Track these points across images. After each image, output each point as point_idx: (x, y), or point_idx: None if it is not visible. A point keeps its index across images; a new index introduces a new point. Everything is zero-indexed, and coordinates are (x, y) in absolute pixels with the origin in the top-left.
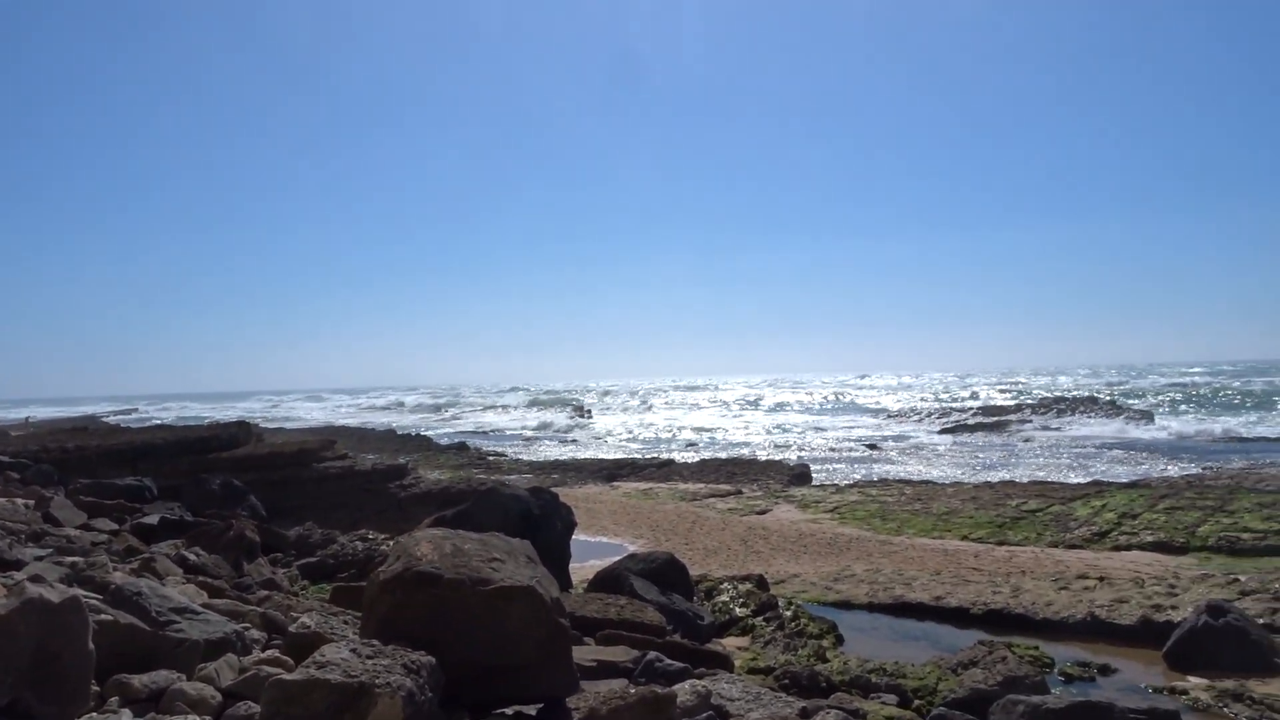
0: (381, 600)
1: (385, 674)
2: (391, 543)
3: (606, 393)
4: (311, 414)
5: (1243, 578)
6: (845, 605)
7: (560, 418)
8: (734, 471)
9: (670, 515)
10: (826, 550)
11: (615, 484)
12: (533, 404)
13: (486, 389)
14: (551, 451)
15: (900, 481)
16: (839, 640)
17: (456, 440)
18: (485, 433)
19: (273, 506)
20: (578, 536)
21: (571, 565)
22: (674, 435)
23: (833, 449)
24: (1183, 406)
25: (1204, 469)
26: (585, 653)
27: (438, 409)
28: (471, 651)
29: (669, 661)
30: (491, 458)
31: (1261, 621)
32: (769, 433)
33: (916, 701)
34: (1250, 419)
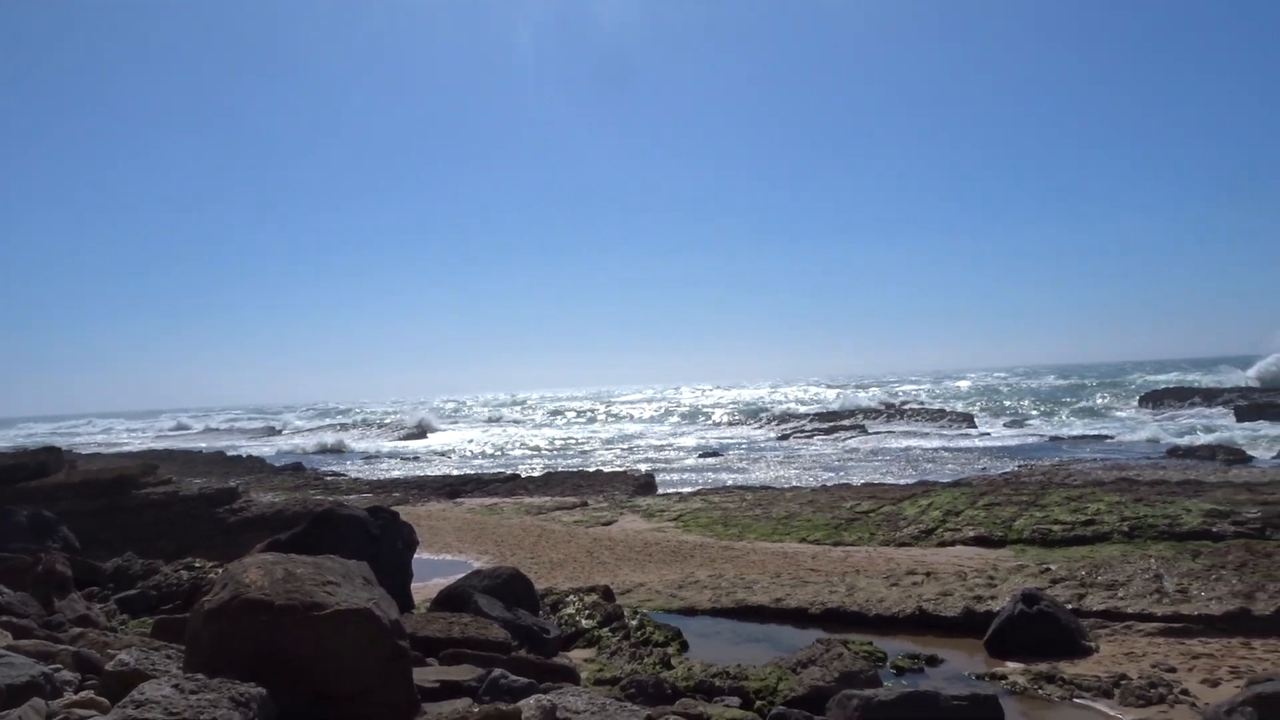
0: (207, 631)
1: (210, 709)
2: (220, 571)
3: (449, 408)
4: (133, 439)
5: (1053, 566)
6: (690, 611)
7: (398, 434)
8: (580, 484)
9: (515, 530)
10: (671, 558)
11: (459, 500)
12: (369, 422)
13: (318, 407)
14: (393, 470)
15: (742, 488)
16: (684, 646)
17: (291, 461)
18: (322, 452)
19: (89, 538)
20: (420, 555)
21: (414, 584)
22: (520, 449)
23: (677, 458)
24: (1002, 409)
25: (1019, 467)
26: (427, 673)
27: (271, 430)
28: (307, 680)
29: (514, 677)
30: (329, 478)
31: (1070, 607)
32: (615, 444)
33: (758, 702)
34: (1060, 418)
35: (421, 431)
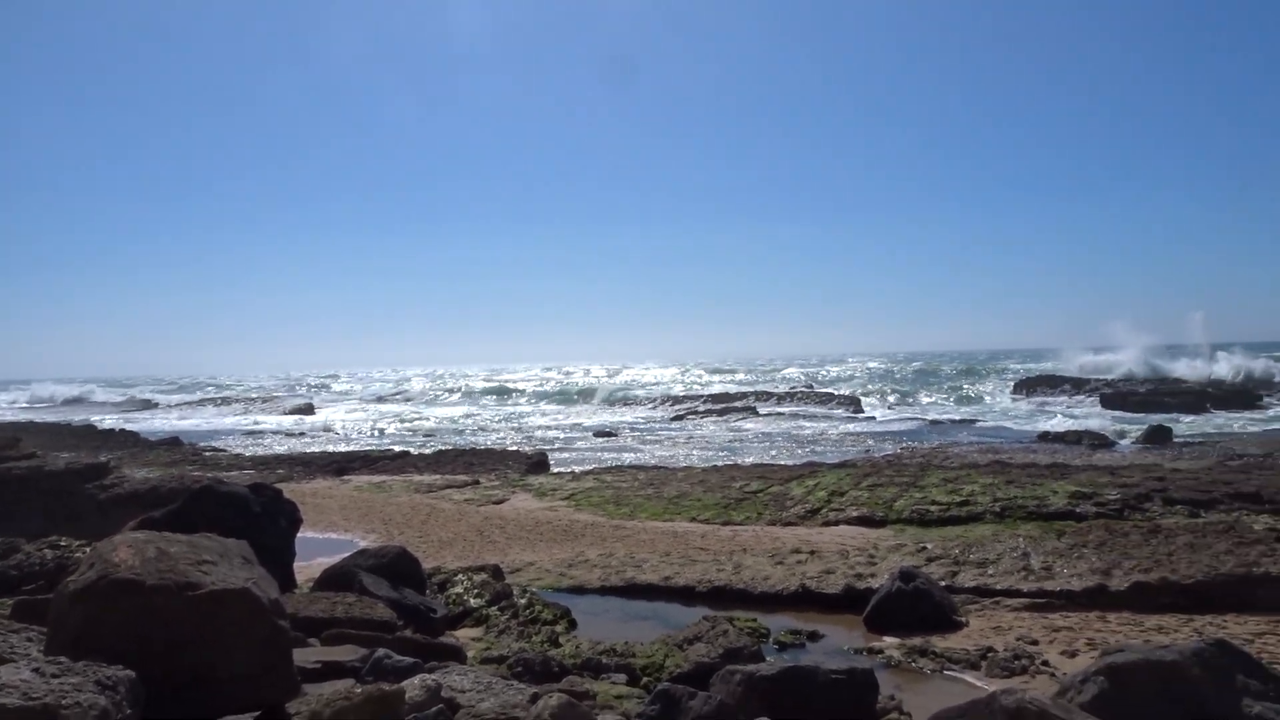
0: (73, 613)
1: (74, 693)
2: (87, 550)
3: (337, 384)
4: None
5: (930, 545)
6: (579, 590)
7: (283, 410)
8: (471, 462)
9: (404, 508)
10: (562, 537)
11: (346, 478)
12: (251, 397)
13: (185, 381)
14: (276, 446)
15: (634, 467)
16: (572, 625)
17: (168, 435)
18: (204, 430)
19: None
20: (304, 534)
21: (297, 564)
22: (410, 426)
23: (571, 437)
24: (887, 393)
25: (901, 449)
26: (309, 654)
27: (145, 404)
28: (181, 662)
29: (399, 657)
30: (208, 454)
31: (944, 584)
32: (508, 422)
33: (645, 679)
34: (941, 403)
35: (308, 407)
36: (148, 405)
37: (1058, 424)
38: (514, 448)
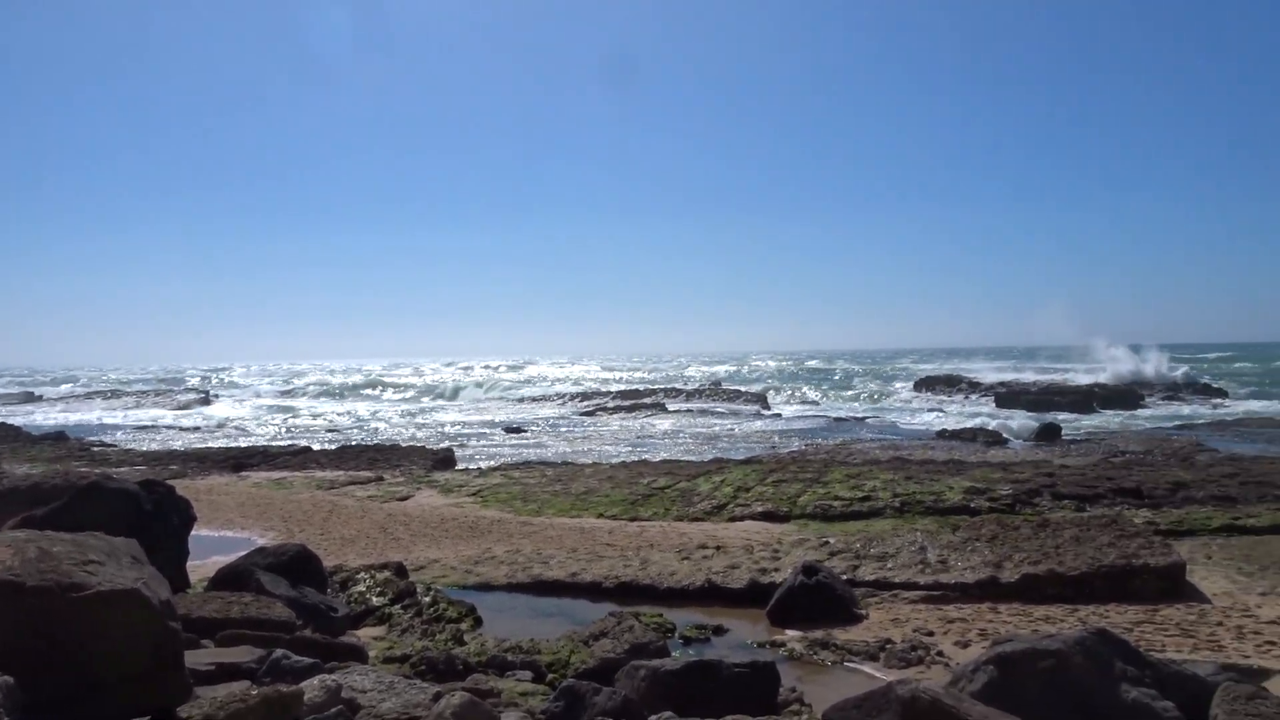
0: None
1: None
2: None
3: (235, 377)
4: None
5: (832, 540)
6: (485, 587)
7: (177, 404)
8: (375, 458)
9: (305, 505)
10: (468, 534)
11: (244, 474)
12: (146, 390)
13: (71, 373)
14: (170, 441)
15: (542, 464)
16: (478, 622)
17: (53, 430)
18: (93, 425)
19: None
20: (199, 531)
21: (191, 563)
22: (314, 421)
23: (478, 433)
24: (793, 391)
25: (806, 446)
26: (202, 656)
27: (29, 396)
28: (67, 667)
29: (297, 658)
30: (97, 449)
31: (845, 578)
32: (415, 417)
33: (550, 675)
34: (845, 401)
35: (204, 400)
36: (31, 398)
37: (955, 422)
38: (420, 443)
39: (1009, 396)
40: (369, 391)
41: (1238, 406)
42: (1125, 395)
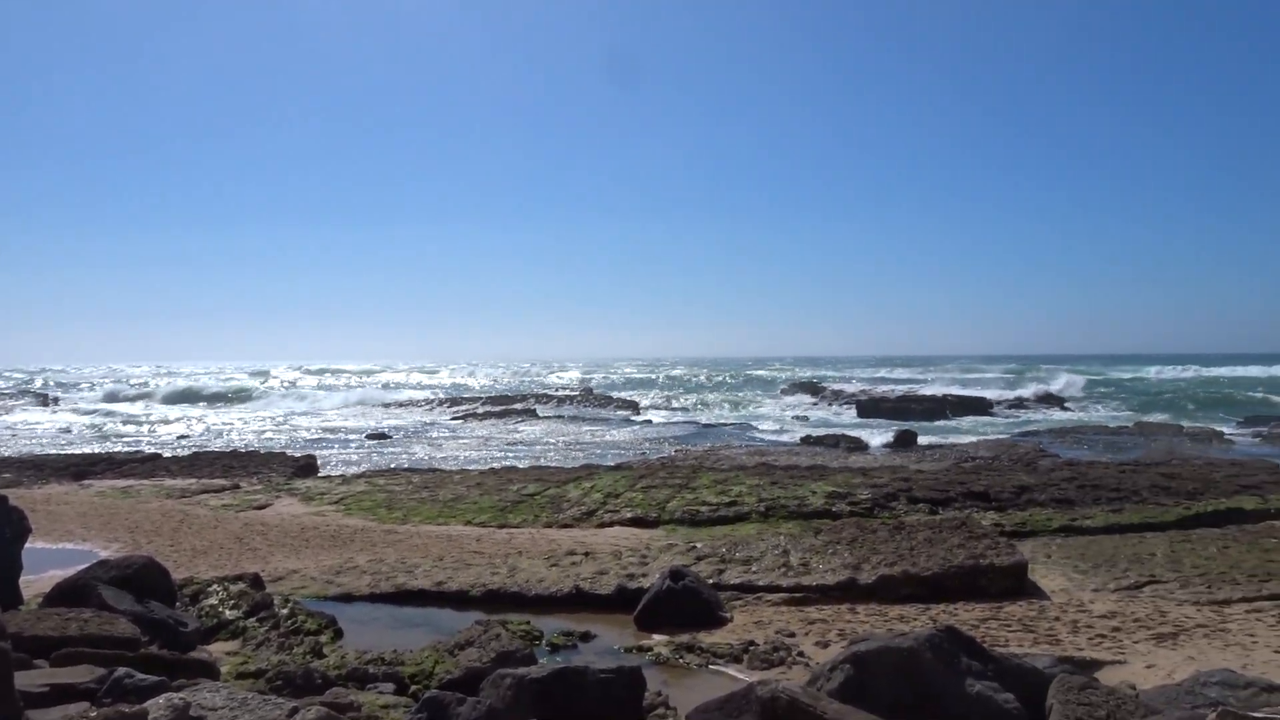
0: None
1: None
2: None
3: (75, 379)
4: None
5: (699, 545)
6: (347, 598)
7: (10, 408)
8: (231, 465)
9: (154, 515)
10: (330, 543)
11: (86, 482)
12: None
13: None
14: (2, 448)
15: (409, 470)
16: (339, 634)
17: None
18: None
19: None
20: (34, 544)
21: (25, 578)
22: (165, 426)
23: (342, 438)
24: (663, 397)
25: (675, 452)
26: (35, 677)
27: None
28: None
29: (142, 676)
30: None
31: (711, 581)
32: (274, 423)
33: (414, 686)
34: (714, 408)
35: (43, 402)
36: None
37: (818, 429)
38: (280, 449)
39: (869, 405)
40: (229, 396)
41: (1077, 414)
42: (975, 403)
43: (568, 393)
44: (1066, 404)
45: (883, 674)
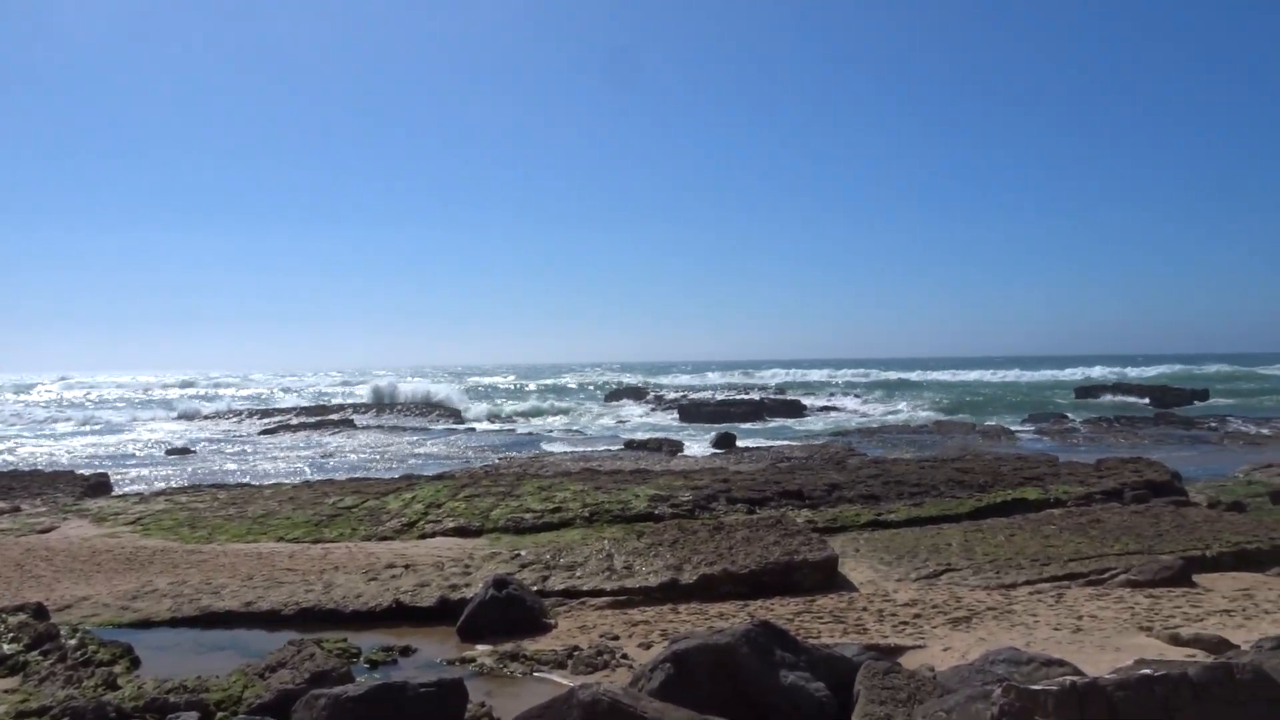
0: None
1: None
2: None
3: None
4: None
5: (523, 552)
6: (145, 624)
7: None
8: (10, 485)
9: None
10: (125, 567)
11: None
12: None
13: None
14: None
15: (215, 486)
16: (135, 663)
17: None
18: None
19: None
20: None
21: None
22: None
23: (141, 454)
24: (487, 405)
25: (500, 459)
26: None
27: None
28: None
29: None
30: None
31: (536, 588)
32: (63, 439)
33: (220, 714)
34: (537, 413)
35: None
36: None
37: (642, 433)
38: (68, 467)
39: (691, 408)
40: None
41: (883, 415)
42: (791, 405)
43: (389, 401)
44: (861, 403)
45: (702, 671)
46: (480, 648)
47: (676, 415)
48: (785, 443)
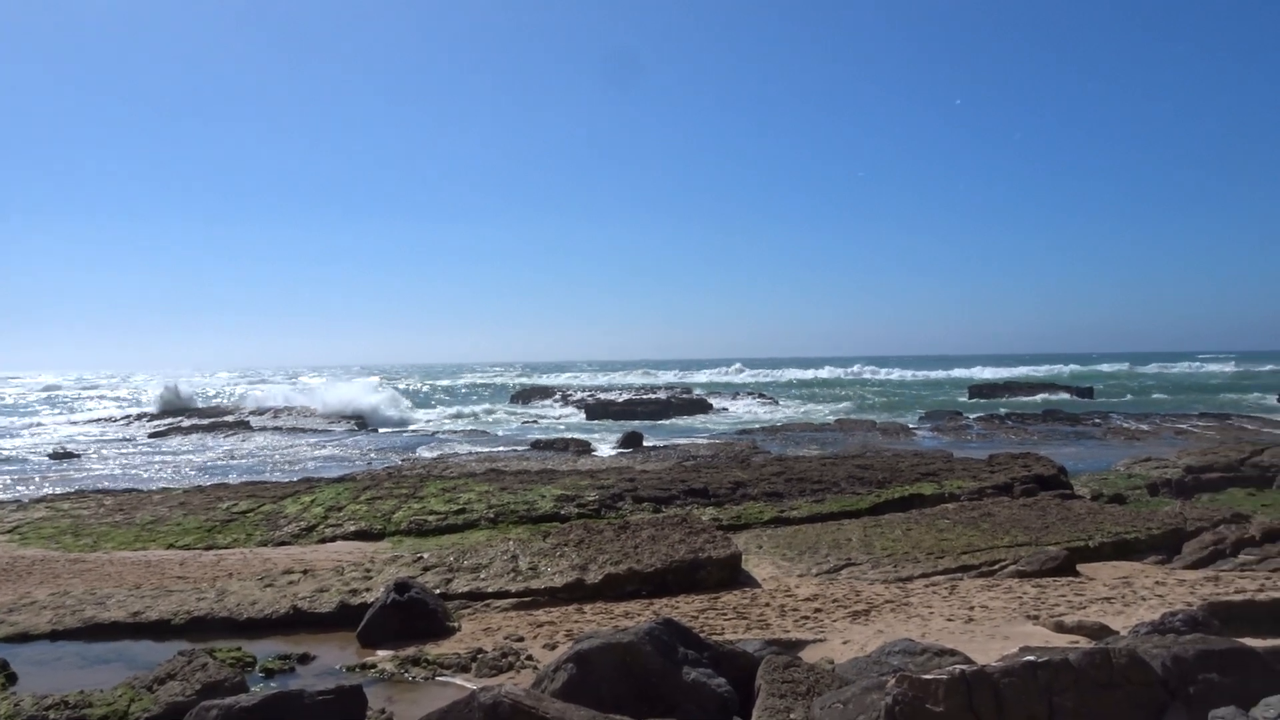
0: None
1: None
2: None
3: None
4: None
5: (426, 555)
6: (23, 638)
7: None
8: None
9: None
10: (2, 578)
11: None
12: None
13: None
14: None
15: (100, 492)
16: (11, 679)
17: None
18: None
19: None
20: None
21: None
22: None
23: (20, 458)
24: (391, 405)
25: (403, 461)
26: None
27: None
28: None
29: None
30: None
31: (439, 591)
32: None
33: None
34: (441, 413)
35: None
36: None
37: (547, 432)
38: None
39: (598, 407)
40: None
41: (788, 412)
42: (697, 404)
43: (286, 404)
44: (777, 403)
45: (605, 669)
46: (381, 653)
47: (584, 415)
48: (692, 441)
